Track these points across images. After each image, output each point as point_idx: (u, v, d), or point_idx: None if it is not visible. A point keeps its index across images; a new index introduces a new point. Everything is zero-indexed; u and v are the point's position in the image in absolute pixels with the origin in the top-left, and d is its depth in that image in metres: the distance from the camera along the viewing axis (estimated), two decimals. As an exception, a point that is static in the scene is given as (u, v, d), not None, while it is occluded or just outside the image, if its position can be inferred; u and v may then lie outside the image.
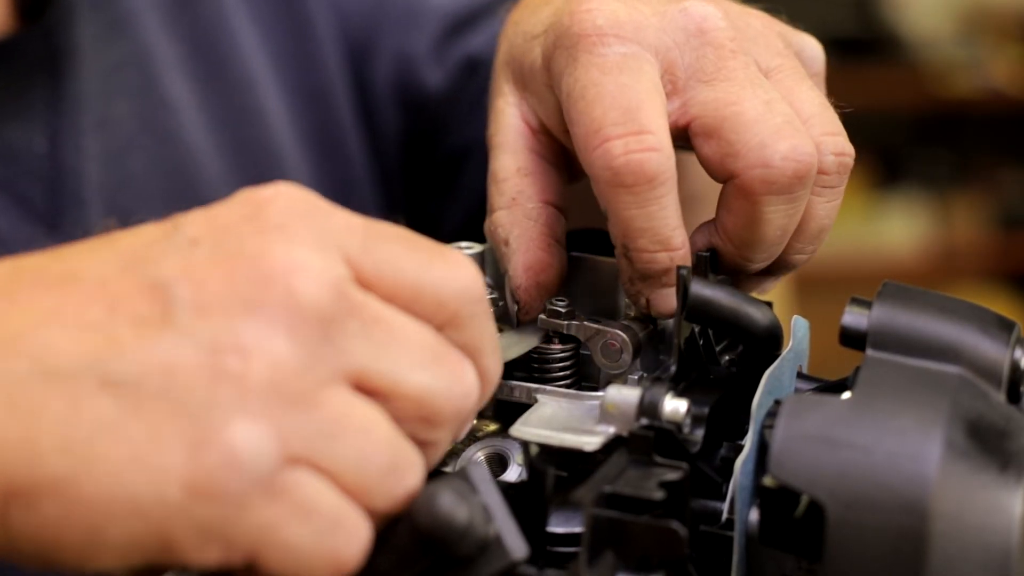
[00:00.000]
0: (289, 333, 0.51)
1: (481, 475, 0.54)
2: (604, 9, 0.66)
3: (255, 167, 0.97)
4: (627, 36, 0.65)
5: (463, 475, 0.54)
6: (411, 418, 0.54)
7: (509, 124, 0.71)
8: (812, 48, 0.73)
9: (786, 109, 0.65)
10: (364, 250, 0.54)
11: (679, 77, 0.66)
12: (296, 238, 0.53)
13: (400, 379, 0.54)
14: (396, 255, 0.55)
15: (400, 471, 0.53)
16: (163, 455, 0.49)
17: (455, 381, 0.55)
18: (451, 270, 0.56)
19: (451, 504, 0.52)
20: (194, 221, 0.54)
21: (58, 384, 0.50)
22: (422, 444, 0.55)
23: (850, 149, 0.67)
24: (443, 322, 0.55)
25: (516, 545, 0.53)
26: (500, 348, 0.58)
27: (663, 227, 0.64)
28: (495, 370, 0.57)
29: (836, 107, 0.68)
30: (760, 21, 0.69)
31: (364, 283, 0.54)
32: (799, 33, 0.73)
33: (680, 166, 0.67)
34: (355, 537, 0.52)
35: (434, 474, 0.62)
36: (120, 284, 0.52)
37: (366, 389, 0.53)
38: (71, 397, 0.50)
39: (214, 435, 0.49)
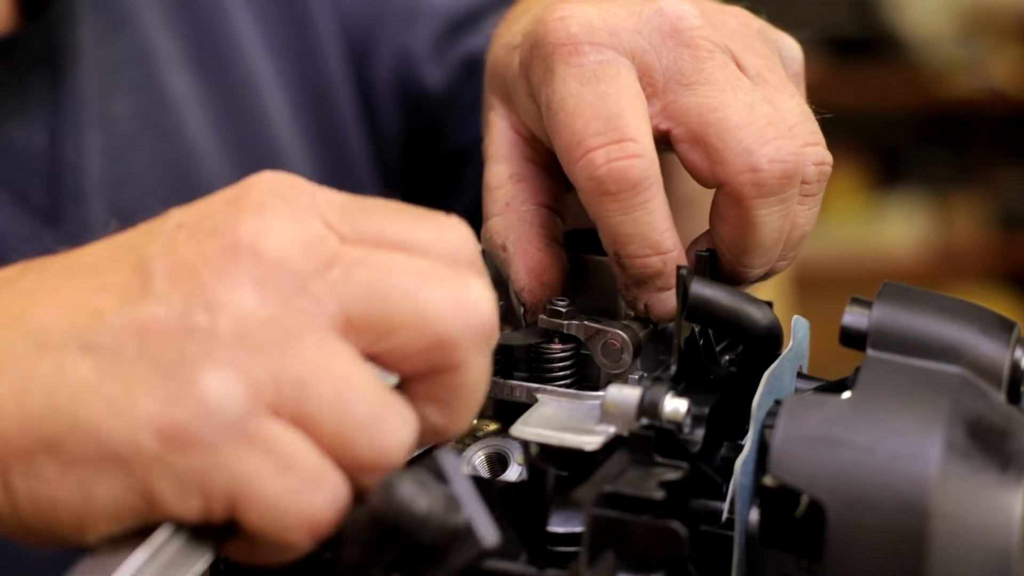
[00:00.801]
0: (256, 287, 0.52)
1: (451, 464, 0.54)
2: (578, 16, 0.65)
3: (257, 164, 0.97)
4: (602, 42, 0.65)
5: (432, 464, 0.54)
6: (417, 346, 0.54)
7: (500, 135, 0.72)
8: (790, 47, 0.73)
9: (768, 110, 0.64)
10: (345, 220, 0.55)
11: (658, 80, 0.66)
12: (271, 212, 0.54)
13: (392, 310, 0.53)
14: (380, 222, 0.55)
15: (383, 422, 0.53)
16: (137, 408, 0.51)
17: (456, 295, 0.54)
18: (438, 230, 0.56)
19: (409, 493, 0.51)
20: (183, 210, 0.56)
21: (46, 354, 0.52)
22: (445, 370, 0.54)
23: (829, 158, 0.67)
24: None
25: (487, 533, 0.53)
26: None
27: (652, 232, 0.64)
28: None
29: (816, 112, 0.68)
30: (737, 19, 0.69)
31: (348, 243, 0.55)
32: (777, 31, 0.72)
33: (669, 169, 0.67)
34: (332, 495, 0.52)
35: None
36: (110, 267, 0.55)
37: (360, 331, 0.53)
38: (56, 364, 0.52)
39: (185, 385, 0.51)
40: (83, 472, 0.51)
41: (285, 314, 0.52)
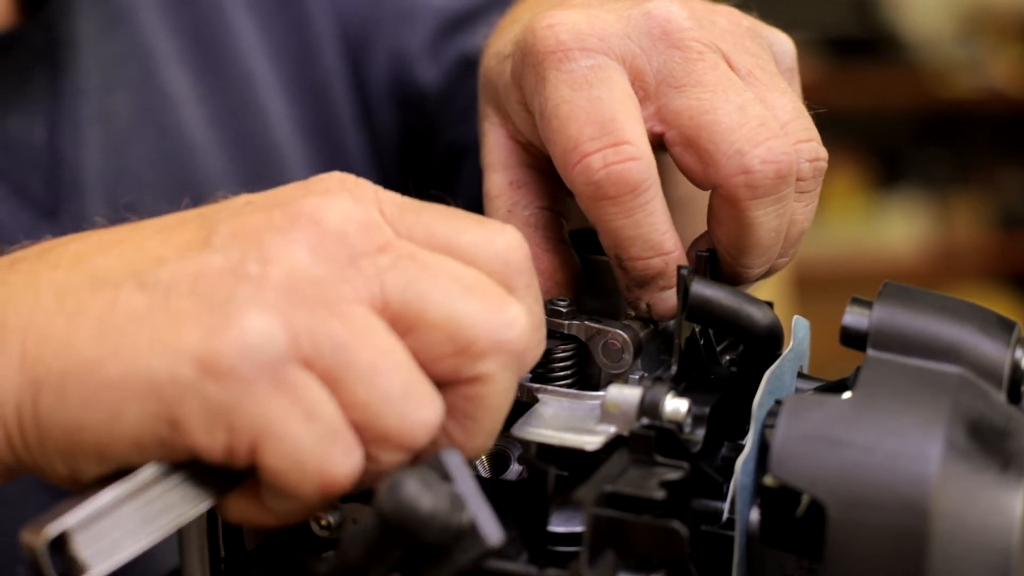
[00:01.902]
0: (311, 250, 0.55)
1: (455, 462, 0.54)
2: (566, 23, 0.66)
3: (255, 161, 0.97)
4: (592, 48, 0.65)
5: (436, 463, 0.54)
6: (445, 350, 0.55)
7: (496, 144, 0.72)
8: (782, 43, 0.72)
9: (760, 110, 0.64)
10: (402, 217, 0.57)
11: (649, 83, 0.66)
12: (336, 195, 0.57)
13: (429, 307, 0.55)
14: (434, 223, 0.57)
15: (412, 400, 0.54)
16: (181, 338, 0.53)
17: (493, 309, 0.55)
18: (488, 235, 0.57)
19: (414, 491, 0.52)
20: (256, 194, 0.59)
21: (104, 290, 0.55)
22: (469, 380, 0.55)
23: (824, 153, 0.67)
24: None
25: (491, 532, 0.53)
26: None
27: (652, 233, 0.64)
28: (537, 352, 0.58)
29: (809, 108, 0.68)
30: (727, 18, 0.69)
31: (402, 238, 0.56)
32: (768, 28, 0.72)
33: (667, 170, 0.67)
34: (349, 454, 0.54)
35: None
36: (178, 227, 0.57)
37: (394, 319, 0.55)
38: (111, 298, 0.55)
39: (229, 321, 0.53)
40: (116, 394, 0.53)
41: (334, 279, 0.54)
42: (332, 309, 0.54)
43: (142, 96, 0.93)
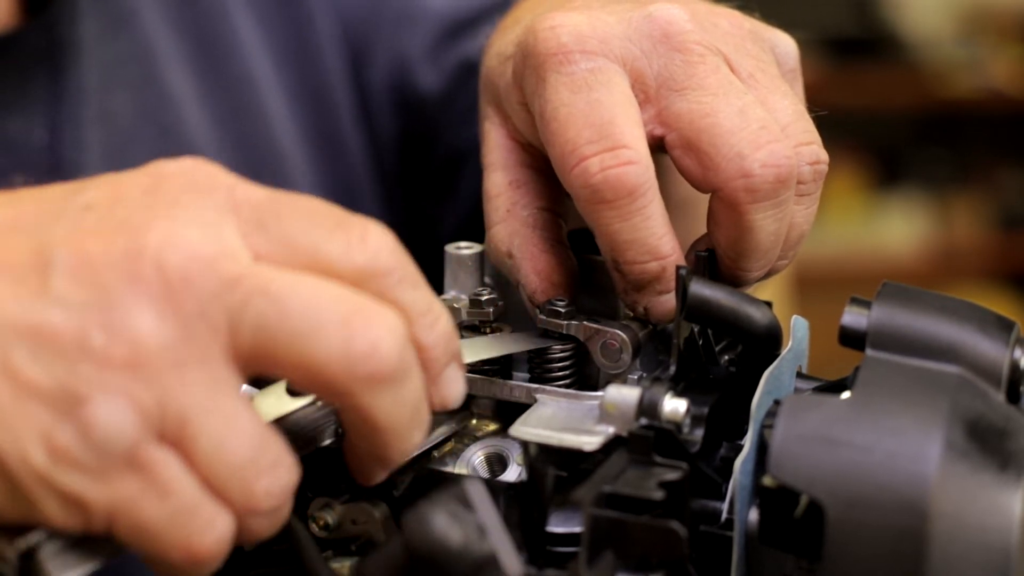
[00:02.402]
0: (155, 310, 0.52)
1: (478, 492, 0.54)
2: (567, 25, 0.65)
3: (256, 162, 0.97)
4: (593, 50, 0.65)
5: (459, 493, 0.53)
6: (310, 387, 0.54)
7: (497, 144, 0.71)
8: (785, 44, 0.72)
9: (761, 113, 0.64)
10: (260, 224, 0.54)
11: (650, 86, 0.65)
12: (183, 214, 0.53)
13: (283, 350, 0.53)
14: (296, 228, 0.55)
15: (259, 468, 0.53)
16: (29, 420, 0.51)
17: (352, 339, 0.53)
18: (351, 241, 0.55)
19: (445, 526, 0.52)
20: (97, 186, 0.55)
21: None
22: (344, 409, 0.54)
23: (824, 156, 0.66)
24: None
25: (512, 564, 0.53)
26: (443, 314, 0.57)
27: (650, 237, 0.64)
28: (436, 333, 0.56)
29: (811, 110, 0.68)
30: (728, 20, 0.69)
31: (259, 256, 0.54)
32: (771, 29, 0.72)
33: (667, 172, 0.66)
34: (211, 528, 0.53)
35: (434, 476, 0.61)
36: (9, 242, 0.54)
37: (249, 362, 0.53)
38: None
39: (74, 407, 0.51)
40: None
41: (180, 340, 0.52)
42: (179, 376, 0.52)
43: (144, 97, 0.93)
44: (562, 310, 0.66)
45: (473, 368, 0.66)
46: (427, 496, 0.54)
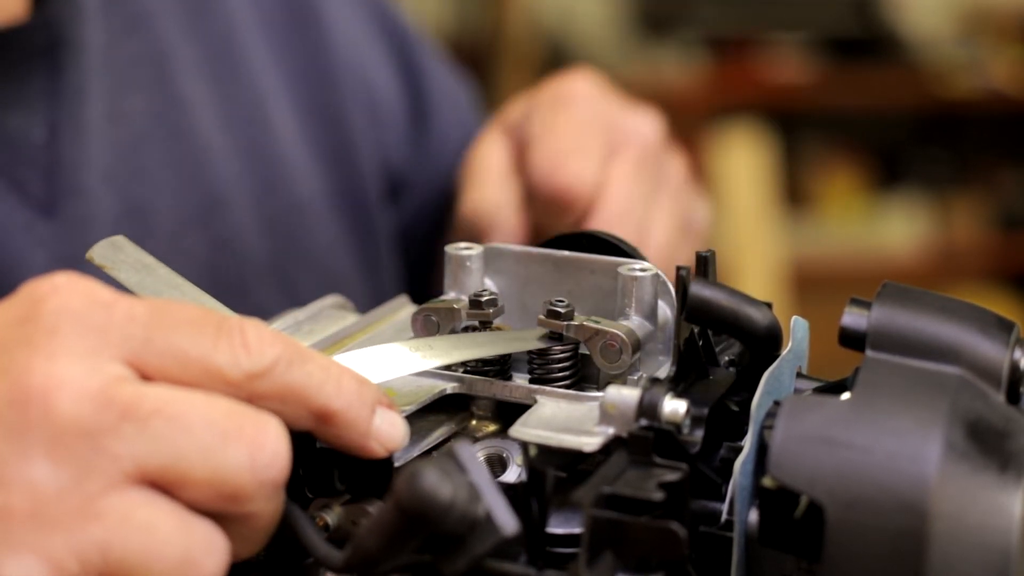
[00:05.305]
0: (49, 455, 0.52)
1: (468, 454, 0.54)
2: None
3: (265, 171, 0.98)
4: None
5: (450, 454, 0.54)
6: (212, 502, 0.54)
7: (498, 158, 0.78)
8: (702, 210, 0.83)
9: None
10: (145, 342, 0.54)
11: None
12: (62, 347, 0.53)
13: (188, 468, 0.53)
14: (182, 341, 0.55)
15: (192, 562, 0.53)
16: None
17: (254, 452, 0.54)
18: (238, 347, 0.55)
19: (434, 481, 0.52)
20: None
21: None
22: (238, 519, 0.55)
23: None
24: (247, 394, 0.55)
25: (506, 521, 0.53)
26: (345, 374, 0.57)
27: None
28: (344, 395, 0.56)
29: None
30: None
31: (148, 375, 0.54)
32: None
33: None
34: None
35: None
36: None
37: (155, 483, 0.53)
38: None
39: None
40: None
41: (80, 480, 0.52)
42: (86, 513, 0.52)
43: (156, 99, 0.93)
44: (562, 311, 0.66)
45: (473, 368, 0.66)
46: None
